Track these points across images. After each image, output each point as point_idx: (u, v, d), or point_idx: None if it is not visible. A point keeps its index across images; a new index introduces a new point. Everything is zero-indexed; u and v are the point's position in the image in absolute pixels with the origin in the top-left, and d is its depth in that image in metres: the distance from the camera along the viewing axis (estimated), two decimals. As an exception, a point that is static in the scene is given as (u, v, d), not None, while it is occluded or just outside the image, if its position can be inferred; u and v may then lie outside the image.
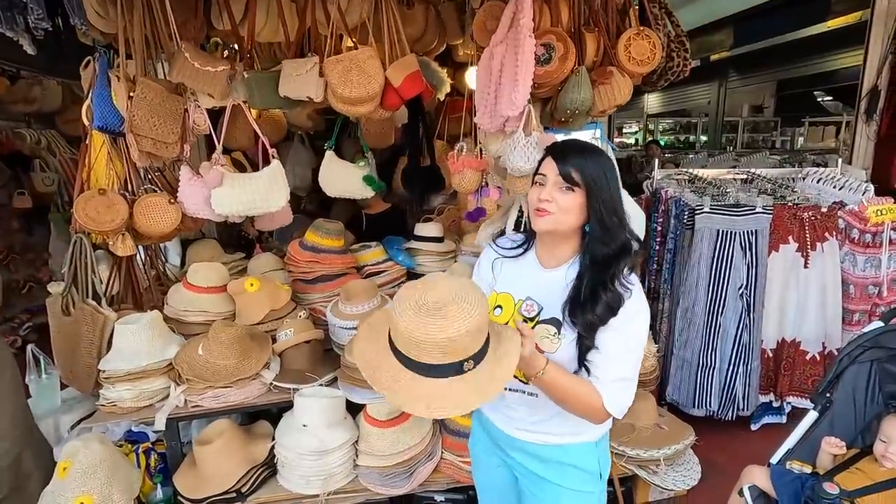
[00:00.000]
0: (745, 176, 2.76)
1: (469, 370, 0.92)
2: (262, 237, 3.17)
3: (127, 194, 2.09)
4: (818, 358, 2.47)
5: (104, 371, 1.86)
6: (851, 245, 2.46)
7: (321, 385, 1.97)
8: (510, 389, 1.18)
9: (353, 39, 2.33)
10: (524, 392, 1.17)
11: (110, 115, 1.96)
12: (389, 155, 3.25)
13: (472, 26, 2.15)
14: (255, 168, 2.72)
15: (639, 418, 2.13)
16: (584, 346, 1.06)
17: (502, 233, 2.22)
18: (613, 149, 2.33)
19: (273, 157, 2.11)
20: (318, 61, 1.99)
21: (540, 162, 1.12)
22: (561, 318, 1.08)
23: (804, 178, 2.76)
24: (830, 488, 1.41)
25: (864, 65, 3.77)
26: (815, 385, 2.47)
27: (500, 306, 1.18)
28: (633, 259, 1.07)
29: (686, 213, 2.40)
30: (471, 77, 3.18)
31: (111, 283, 2.24)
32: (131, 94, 1.93)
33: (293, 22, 2.26)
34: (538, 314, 1.12)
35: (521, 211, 2.27)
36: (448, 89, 2.65)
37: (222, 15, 2.13)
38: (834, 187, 2.62)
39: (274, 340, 2.07)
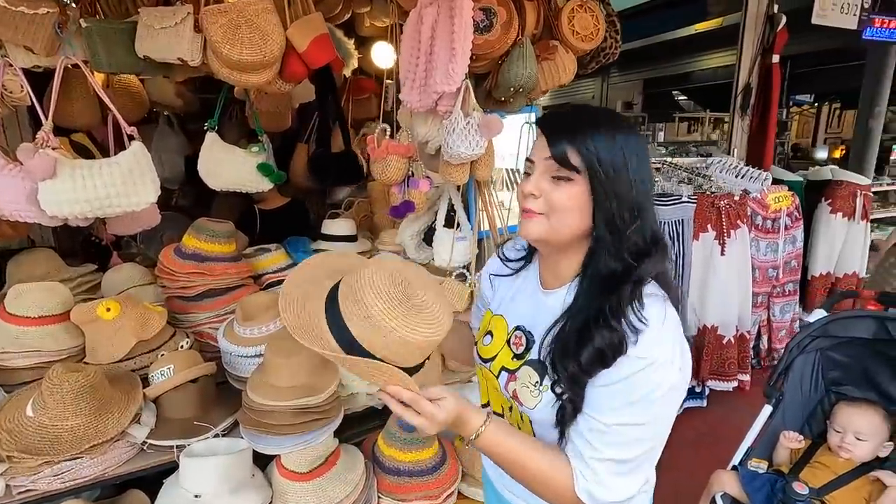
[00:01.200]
0: (658, 165, 2.78)
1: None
2: (121, 242, 2.51)
3: None
4: (732, 341, 2.57)
5: None
6: (756, 231, 2.58)
7: (216, 435, 1.52)
8: None
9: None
10: None
11: None
12: (281, 140, 2.77)
13: (390, -15, 1.81)
14: (105, 154, 2.11)
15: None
16: (568, 405, 0.75)
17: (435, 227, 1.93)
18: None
19: (133, 137, 1.58)
20: (193, 11, 1.50)
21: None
22: (546, 363, 0.79)
23: (707, 168, 2.86)
24: (800, 488, 1.36)
25: (739, 64, 4.11)
26: (731, 367, 2.58)
27: (490, 333, 0.92)
28: (650, 279, 0.75)
29: (617, 203, 2.33)
30: (379, 53, 2.83)
31: None
32: None
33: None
34: (526, 351, 0.84)
35: (451, 206, 2.00)
36: (356, 64, 2.29)
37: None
38: (736, 176, 2.74)
39: (146, 382, 1.56)
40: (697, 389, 2.62)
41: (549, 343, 0.78)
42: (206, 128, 1.94)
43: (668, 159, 2.73)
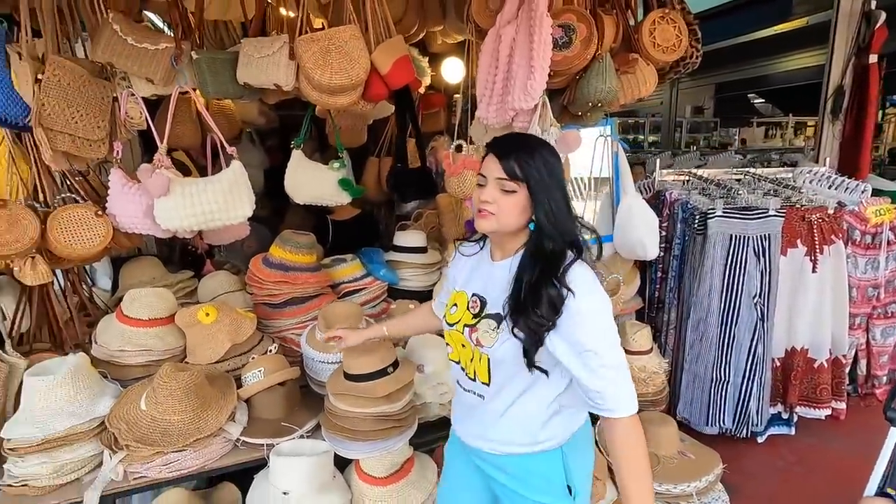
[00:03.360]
0: (739, 176, 2.64)
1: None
2: (213, 251, 2.72)
3: (38, 206, 1.64)
4: (826, 365, 2.38)
5: (8, 441, 1.40)
6: (853, 247, 2.39)
7: (302, 437, 1.61)
8: (464, 389, 1.17)
9: (325, 20, 1.99)
10: (473, 392, 1.15)
11: (10, 104, 1.51)
12: (353, 155, 2.90)
13: (468, 8, 1.86)
14: (202, 172, 2.30)
15: (661, 446, 1.93)
16: (533, 346, 1.01)
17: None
18: (624, 147, 2.12)
19: (233, 157, 1.72)
20: (288, 40, 1.62)
21: (483, 161, 1.08)
22: (503, 314, 1.05)
23: (795, 178, 2.68)
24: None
25: (829, 65, 3.82)
26: (823, 394, 2.39)
27: (455, 304, 1.17)
28: (586, 255, 1.04)
29: (696, 216, 2.23)
30: (450, 68, 2.91)
31: (18, 319, 1.76)
32: (39, 76, 1.49)
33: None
34: (482, 309, 1.10)
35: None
36: (429, 81, 2.36)
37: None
38: (829, 187, 2.55)
39: (238, 383, 1.68)
40: (784, 416, 2.44)
41: (508, 299, 1.03)
42: (292, 146, 2.07)
43: (751, 170, 2.57)
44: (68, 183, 1.80)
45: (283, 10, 1.92)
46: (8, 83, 1.51)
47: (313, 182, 2.09)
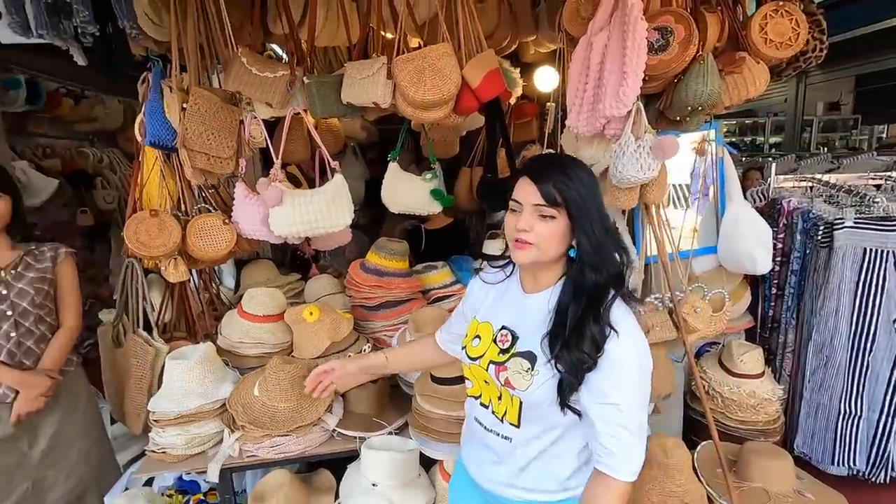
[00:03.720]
0: (880, 181, 2.30)
1: None
2: (318, 256, 2.97)
3: (180, 215, 1.92)
4: None
5: (153, 413, 1.66)
6: None
7: (391, 433, 1.71)
8: (485, 428, 1.08)
9: (421, 39, 2.10)
10: (497, 433, 1.06)
11: (163, 130, 1.79)
12: (445, 165, 3.00)
13: (559, 17, 1.86)
14: (311, 183, 2.53)
15: (772, 482, 1.74)
16: (569, 386, 0.94)
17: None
18: (731, 151, 1.97)
19: (336, 171, 1.88)
20: (386, 61, 1.75)
21: (513, 182, 1.00)
22: (537, 352, 0.98)
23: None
24: None
25: None
26: None
27: (478, 336, 1.09)
28: (626, 286, 0.98)
29: (820, 227, 1.99)
30: (542, 77, 2.90)
31: (163, 310, 2.07)
32: (184, 105, 1.76)
33: (355, 22, 2.06)
34: (512, 345, 1.02)
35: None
36: (520, 91, 2.36)
37: (281, 17, 1.92)
38: None
39: (335, 378, 1.82)
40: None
41: (548, 335, 0.96)
42: (389, 158, 2.21)
43: (894, 174, 2.23)
44: (203, 195, 2.09)
45: (382, 33, 2.07)
46: (161, 112, 1.80)
47: (407, 192, 2.20)
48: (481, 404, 1.09)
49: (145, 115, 1.85)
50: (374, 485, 1.55)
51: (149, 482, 1.89)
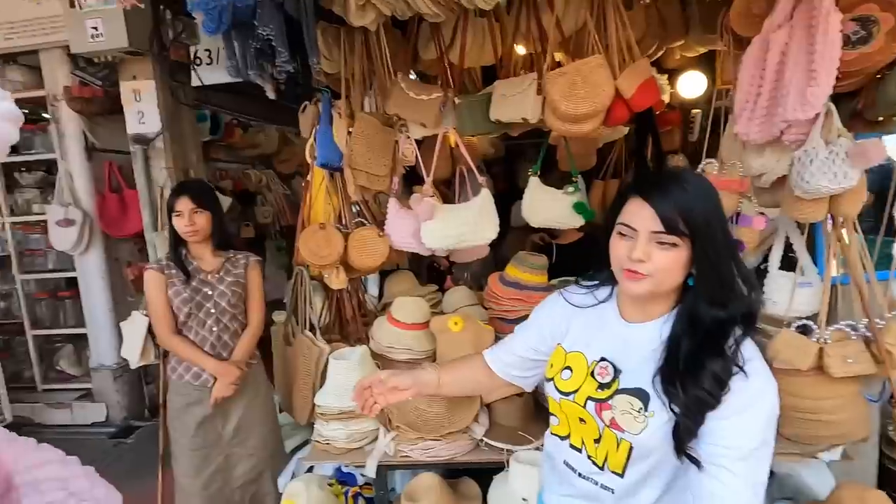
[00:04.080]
0: None
1: None
2: (452, 268, 3.08)
3: (341, 228, 2.12)
4: None
5: (319, 406, 1.84)
6: None
7: (537, 448, 1.69)
8: (578, 474, 0.95)
9: (566, 53, 2.10)
10: (594, 482, 0.93)
11: (331, 152, 2.01)
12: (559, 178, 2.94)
13: (723, 17, 1.74)
14: (447, 198, 2.65)
15: None
16: (687, 430, 0.81)
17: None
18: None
19: (482, 186, 1.95)
20: (537, 77, 1.77)
21: (621, 201, 0.88)
22: (650, 390, 0.86)
23: None
24: None
25: None
26: None
27: (569, 367, 0.97)
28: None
29: None
30: (688, 83, 2.73)
31: (322, 314, 2.29)
32: (350, 129, 1.95)
33: (501, 41, 2.12)
34: (615, 380, 0.90)
35: (789, 245, 1.75)
36: (668, 99, 2.25)
37: (436, 41, 2.05)
38: None
39: (480, 388, 1.86)
40: None
41: (658, 370, 0.85)
42: (529, 173, 2.23)
43: None
44: (358, 210, 2.29)
45: (518, 48, 2.11)
46: (330, 136, 2.01)
47: (549, 206, 2.20)
48: (572, 446, 0.97)
49: (316, 140, 2.09)
50: (524, 499, 1.54)
51: (310, 469, 2.09)
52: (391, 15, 1.68)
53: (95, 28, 2.07)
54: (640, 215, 0.83)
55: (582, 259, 2.80)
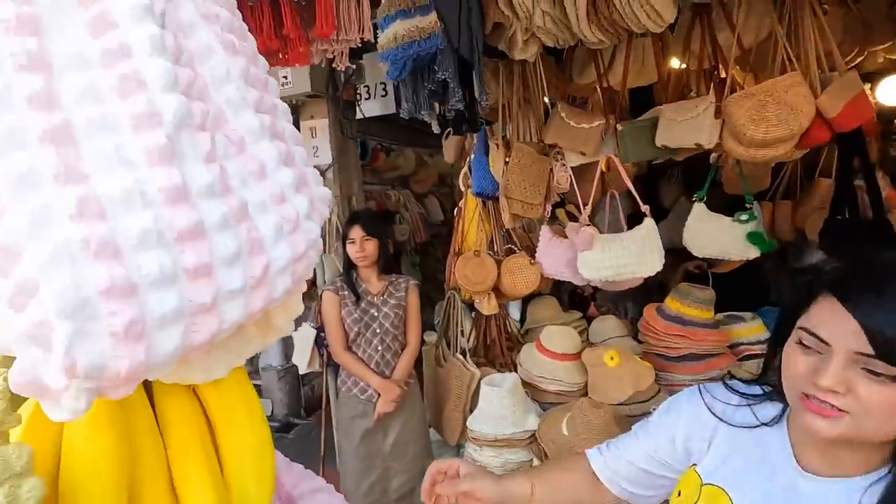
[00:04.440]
0: None
1: None
2: (596, 294, 2.98)
3: (493, 254, 2.16)
4: None
5: (472, 431, 1.88)
6: None
7: None
8: None
9: (742, 69, 1.92)
10: None
11: (487, 182, 2.06)
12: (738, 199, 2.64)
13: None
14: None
15: None
16: None
17: None
18: None
19: (646, 215, 1.85)
20: (714, 100, 1.64)
21: (806, 293, 0.61)
22: None
23: None
24: None
25: None
26: None
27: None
28: None
29: None
30: (889, 88, 2.33)
31: (471, 337, 2.35)
32: (507, 159, 1.99)
33: (669, 59, 2.01)
34: None
35: None
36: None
37: (595, 65, 2.00)
38: None
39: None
40: None
41: None
42: (694, 199, 2.06)
43: None
44: (504, 235, 2.32)
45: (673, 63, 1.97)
46: (486, 166, 2.07)
47: (717, 235, 2.01)
48: None
49: (470, 169, 2.16)
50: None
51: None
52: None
53: (286, 77, 2.39)
54: (837, 326, 0.57)
55: (742, 291, 2.55)
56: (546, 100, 2.09)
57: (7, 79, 0.30)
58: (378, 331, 1.99)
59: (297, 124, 2.72)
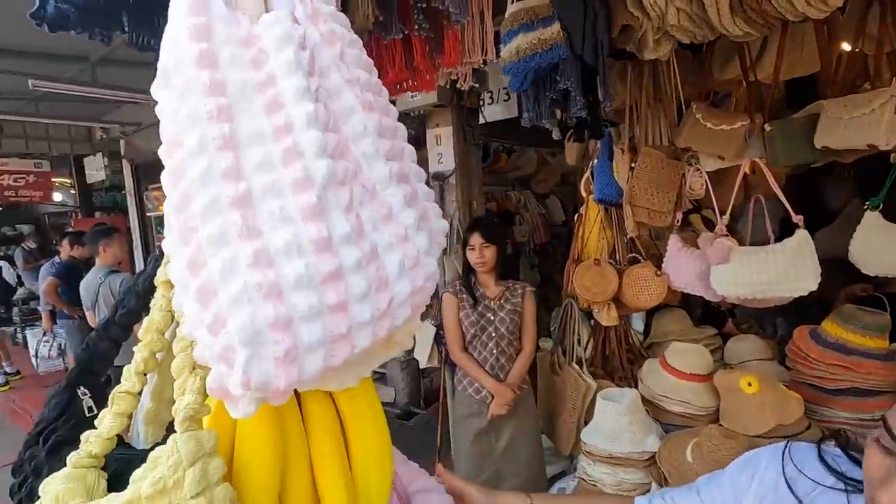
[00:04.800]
0: None
1: None
2: (734, 309, 2.68)
3: (614, 263, 2.08)
4: None
5: (585, 444, 1.83)
6: None
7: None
8: None
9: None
10: None
11: (610, 188, 1.99)
12: None
13: None
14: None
15: None
16: None
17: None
18: None
19: (798, 226, 1.63)
20: (895, 93, 1.39)
21: None
22: None
23: None
24: None
25: None
26: None
27: None
28: None
29: None
30: None
31: (588, 347, 2.28)
32: (632, 165, 1.89)
33: (837, 45, 1.74)
34: None
35: None
36: None
37: (741, 58, 1.81)
38: None
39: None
40: None
41: None
42: (867, 206, 1.76)
43: None
44: (628, 242, 2.21)
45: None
46: (609, 171, 1.99)
47: (893, 250, 1.69)
48: None
49: (593, 175, 2.10)
50: None
51: (569, 501, 2.11)
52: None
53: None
54: None
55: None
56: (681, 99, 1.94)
57: (210, 158, 0.39)
58: (493, 334, 2.04)
59: (423, 133, 2.89)
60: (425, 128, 2.80)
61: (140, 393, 0.55)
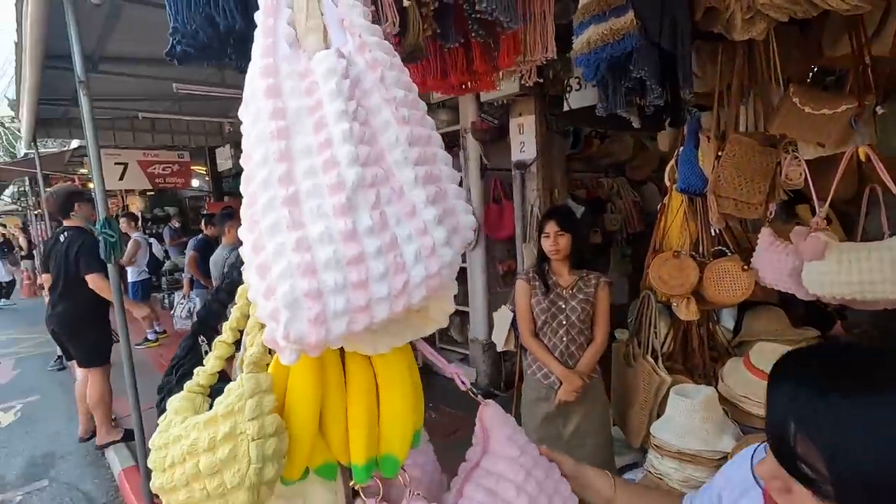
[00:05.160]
0: None
1: None
2: (845, 311, 2.41)
3: (696, 256, 1.99)
4: None
5: (655, 438, 1.81)
6: None
7: None
8: None
9: None
10: None
11: (693, 177, 1.90)
12: None
13: None
14: (844, 223, 2.07)
15: None
16: None
17: None
18: None
19: (911, 222, 1.45)
20: None
21: None
22: None
23: None
24: None
25: None
26: None
27: None
28: None
29: None
30: None
31: (667, 341, 2.22)
32: (719, 153, 1.79)
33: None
34: None
35: None
36: None
37: (861, 30, 1.62)
38: None
39: None
40: None
41: None
42: None
43: None
44: (717, 234, 2.08)
45: None
46: (694, 161, 1.90)
47: None
48: None
49: (678, 163, 2.01)
50: None
51: (637, 494, 2.09)
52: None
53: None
54: None
55: None
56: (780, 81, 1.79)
57: (271, 168, 0.52)
58: (564, 322, 2.06)
59: (507, 122, 2.93)
60: (509, 117, 2.84)
61: (238, 343, 0.72)
